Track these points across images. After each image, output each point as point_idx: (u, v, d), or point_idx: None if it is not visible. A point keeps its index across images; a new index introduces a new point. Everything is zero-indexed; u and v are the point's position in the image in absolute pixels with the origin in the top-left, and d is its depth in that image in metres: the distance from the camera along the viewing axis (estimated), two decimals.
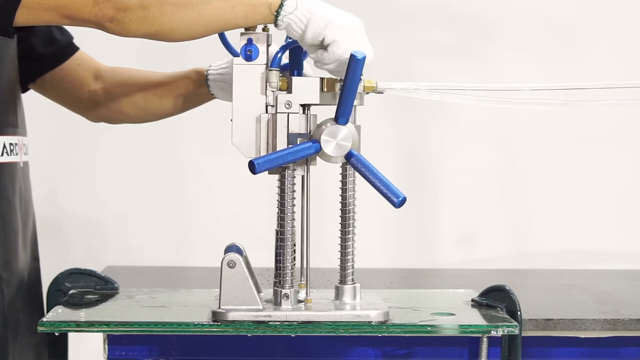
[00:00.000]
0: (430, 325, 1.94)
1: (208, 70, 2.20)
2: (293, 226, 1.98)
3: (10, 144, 2.06)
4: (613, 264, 3.40)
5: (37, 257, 2.21)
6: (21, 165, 2.11)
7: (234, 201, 3.52)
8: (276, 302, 1.96)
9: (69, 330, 1.95)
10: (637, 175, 3.60)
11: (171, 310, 2.06)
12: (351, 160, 1.94)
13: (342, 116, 1.92)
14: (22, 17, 1.85)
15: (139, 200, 3.53)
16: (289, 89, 1.96)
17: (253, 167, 1.89)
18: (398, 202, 1.92)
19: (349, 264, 2.00)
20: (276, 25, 1.88)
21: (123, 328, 1.93)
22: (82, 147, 3.47)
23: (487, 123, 3.56)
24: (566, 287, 2.53)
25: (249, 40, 1.96)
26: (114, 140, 3.45)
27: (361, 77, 1.92)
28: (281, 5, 1.86)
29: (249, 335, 1.94)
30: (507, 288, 2.08)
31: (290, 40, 1.98)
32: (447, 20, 3.53)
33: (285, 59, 2.00)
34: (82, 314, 1.99)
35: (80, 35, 2.25)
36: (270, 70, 1.95)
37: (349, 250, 2.00)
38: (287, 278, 1.96)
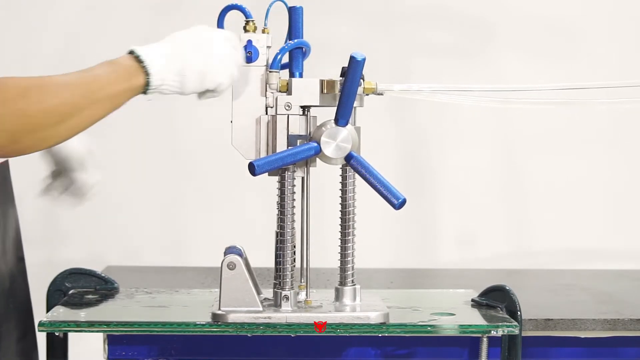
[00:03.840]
0: (430, 325, 1.95)
1: None
2: (293, 228, 1.98)
3: None
4: (613, 264, 3.40)
5: (21, 257, 2.17)
6: None
7: (234, 202, 3.52)
8: (276, 303, 1.96)
9: (69, 330, 1.96)
10: (637, 175, 3.60)
11: (171, 310, 2.06)
12: (351, 161, 1.94)
13: (342, 118, 1.92)
14: None
15: (139, 201, 3.53)
16: (288, 91, 1.96)
17: (253, 169, 1.89)
18: (398, 203, 1.92)
19: (349, 265, 2.00)
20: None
21: (123, 328, 1.93)
22: None
23: (487, 124, 3.56)
24: (566, 287, 2.53)
25: (249, 42, 1.96)
26: (114, 140, 3.45)
27: (361, 78, 1.93)
28: (147, 85, 1.83)
29: (249, 335, 1.94)
30: (507, 288, 2.08)
31: (291, 42, 1.98)
32: (447, 21, 3.53)
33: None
34: (82, 314, 1.99)
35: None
36: (270, 71, 1.95)
37: (349, 251, 2.00)
38: (287, 280, 1.97)
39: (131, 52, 1.84)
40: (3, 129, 1.70)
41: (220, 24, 2.02)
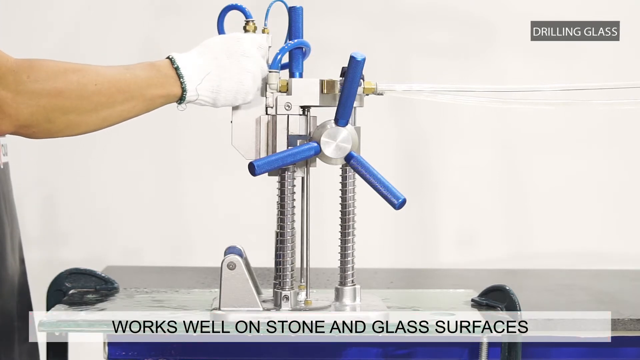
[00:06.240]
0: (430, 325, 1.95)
1: None
2: (293, 228, 1.98)
3: None
4: (613, 264, 3.40)
5: (23, 259, 2.18)
6: (1, 167, 2.07)
7: (234, 202, 3.52)
8: (276, 303, 1.96)
9: (69, 330, 1.95)
10: (636, 175, 3.60)
11: (171, 310, 2.06)
12: (351, 162, 1.94)
13: (342, 118, 1.92)
14: None
15: (139, 201, 3.53)
16: (288, 91, 1.96)
17: (253, 169, 1.89)
18: (398, 204, 1.92)
19: (349, 265, 2.00)
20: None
21: (123, 328, 1.93)
22: (81, 147, 3.47)
23: (487, 124, 3.56)
24: (566, 287, 2.53)
25: None
26: (114, 140, 3.45)
27: (361, 78, 1.93)
28: (182, 99, 1.88)
29: (249, 335, 1.94)
30: (507, 288, 2.08)
31: (291, 42, 1.98)
32: (447, 21, 3.53)
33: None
34: (82, 314, 1.99)
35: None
36: (270, 72, 1.95)
37: (349, 251, 2.00)
38: (287, 280, 1.97)
39: (169, 58, 1.87)
40: (39, 104, 1.74)
41: (220, 24, 2.02)
